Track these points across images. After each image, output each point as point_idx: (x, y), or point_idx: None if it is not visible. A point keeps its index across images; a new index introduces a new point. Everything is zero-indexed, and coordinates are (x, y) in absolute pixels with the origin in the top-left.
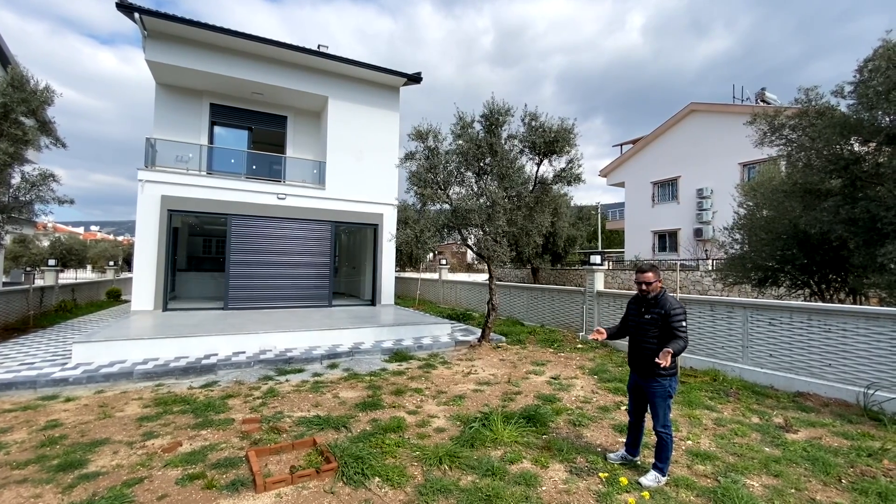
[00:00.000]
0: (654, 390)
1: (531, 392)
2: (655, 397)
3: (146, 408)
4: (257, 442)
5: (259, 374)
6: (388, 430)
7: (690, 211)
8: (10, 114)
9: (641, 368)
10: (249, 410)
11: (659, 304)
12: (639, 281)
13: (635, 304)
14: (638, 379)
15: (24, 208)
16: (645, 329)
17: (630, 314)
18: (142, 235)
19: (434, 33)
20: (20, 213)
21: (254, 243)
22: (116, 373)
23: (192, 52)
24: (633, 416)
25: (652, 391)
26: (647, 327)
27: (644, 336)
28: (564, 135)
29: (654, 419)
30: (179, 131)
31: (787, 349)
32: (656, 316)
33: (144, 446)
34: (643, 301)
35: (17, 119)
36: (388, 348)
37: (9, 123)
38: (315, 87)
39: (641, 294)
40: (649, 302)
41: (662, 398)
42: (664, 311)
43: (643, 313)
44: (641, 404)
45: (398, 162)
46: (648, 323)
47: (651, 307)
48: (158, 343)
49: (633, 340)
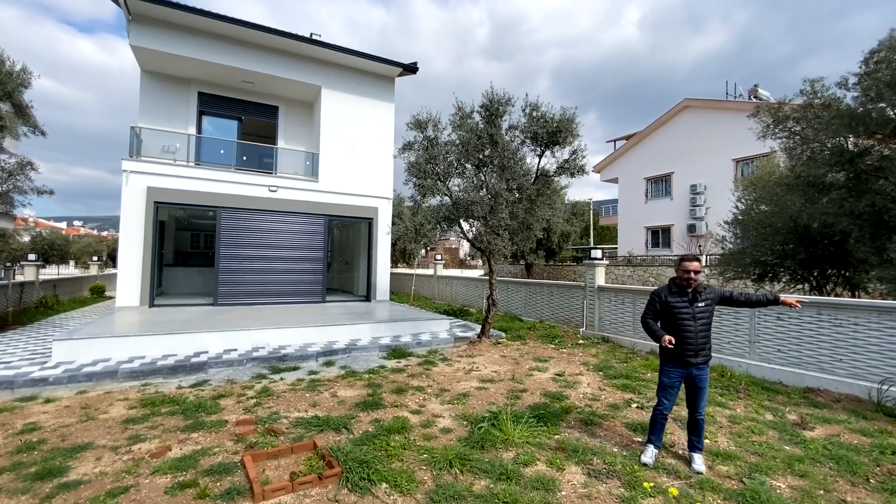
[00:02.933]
0: (706, 375)
1: (537, 389)
2: (706, 382)
3: (132, 409)
4: (253, 445)
5: (252, 372)
6: (391, 431)
7: (684, 207)
8: None
9: (701, 357)
10: (243, 411)
11: (708, 289)
12: (687, 269)
13: (678, 295)
14: (691, 371)
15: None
16: (702, 317)
17: (674, 307)
18: (127, 228)
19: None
20: None
21: (244, 237)
22: (100, 372)
23: (179, 37)
24: (668, 409)
25: (705, 376)
26: (703, 315)
27: (703, 324)
28: (567, 125)
29: (699, 404)
30: (166, 121)
31: (795, 344)
32: (710, 301)
33: (130, 451)
34: (689, 291)
35: None
36: (386, 345)
37: None
38: (307, 76)
39: (686, 284)
40: (697, 291)
41: (708, 381)
42: (716, 294)
43: (696, 302)
44: (691, 395)
45: (395, 153)
46: (704, 311)
47: (701, 294)
48: (145, 340)
49: (688, 332)
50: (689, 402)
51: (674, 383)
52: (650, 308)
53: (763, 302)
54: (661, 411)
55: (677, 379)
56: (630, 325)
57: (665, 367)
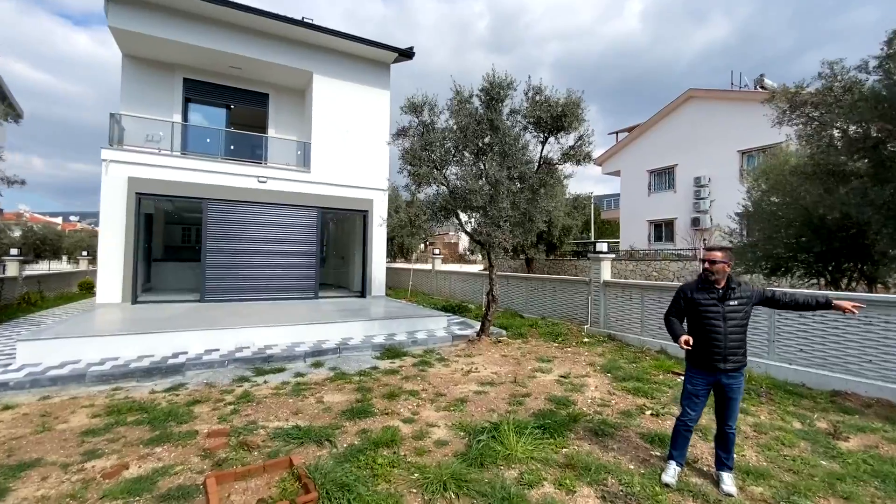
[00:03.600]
0: (739, 384)
1: (541, 393)
2: (738, 392)
3: (95, 418)
4: (221, 463)
5: (234, 374)
6: (380, 444)
7: (687, 200)
8: None
9: (731, 363)
10: (218, 420)
11: (742, 287)
12: (705, 259)
13: (706, 291)
14: (719, 378)
15: None
16: (734, 318)
17: (700, 304)
18: (107, 221)
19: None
20: None
21: (233, 230)
22: (66, 375)
23: (162, 18)
24: (694, 420)
25: (737, 386)
26: (735, 315)
27: (734, 325)
28: (573, 108)
29: (730, 417)
30: (150, 108)
31: (819, 344)
32: (745, 300)
33: (82, 469)
34: (719, 288)
35: None
36: (380, 344)
37: None
38: (298, 61)
39: (708, 277)
40: (728, 288)
41: (741, 392)
42: (753, 293)
43: (727, 300)
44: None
45: (389, 139)
46: (737, 310)
47: (734, 291)
48: (119, 340)
49: (716, 333)
50: (718, 413)
51: (699, 391)
52: (674, 304)
53: (811, 305)
54: (685, 422)
55: (703, 387)
56: (638, 322)
57: (690, 372)
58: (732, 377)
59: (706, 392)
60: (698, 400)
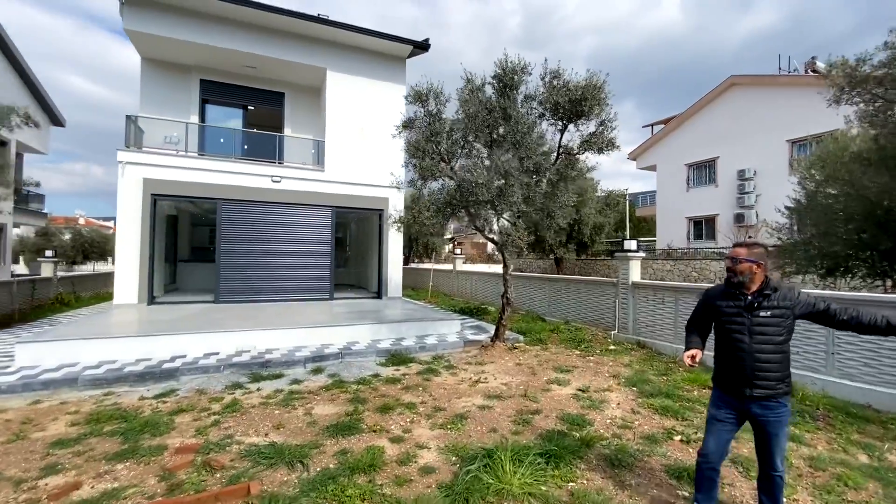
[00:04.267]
0: (779, 418)
1: (553, 410)
2: (779, 427)
3: (73, 426)
4: (176, 487)
5: (228, 380)
6: (357, 468)
7: (730, 194)
8: None
9: (760, 390)
10: (195, 432)
11: (779, 295)
12: (729, 255)
13: (730, 297)
14: (748, 407)
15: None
16: (763, 332)
17: (723, 313)
18: (123, 223)
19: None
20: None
21: (247, 231)
22: (60, 379)
23: (177, 19)
24: (713, 454)
25: (776, 419)
26: (765, 329)
27: (764, 341)
28: (593, 92)
29: (773, 457)
30: (168, 110)
31: (889, 357)
32: (782, 311)
33: (34, 487)
34: (747, 294)
35: None
36: (385, 349)
37: None
38: (311, 57)
39: (732, 280)
40: (761, 295)
41: (784, 428)
42: (797, 304)
43: (757, 309)
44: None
45: (395, 131)
46: (768, 323)
47: (767, 299)
48: (118, 343)
49: (739, 349)
50: (758, 451)
51: (721, 416)
52: (695, 311)
53: (881, 328)
54: (705, 456)
55: (727, 413)
56: (671, 327)
57: (714, 392)
58: (767, 407)
59: (732, 421)
60: (722, 427)
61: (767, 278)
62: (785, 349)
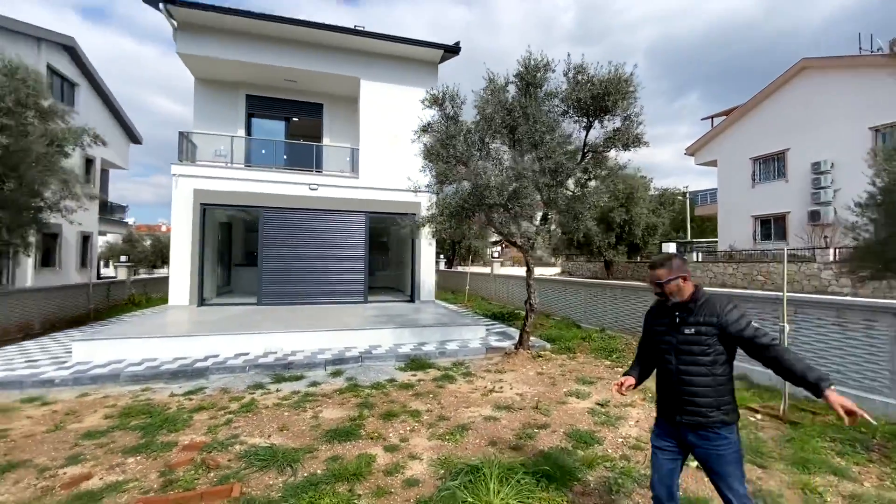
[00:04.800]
0: (719, 451)
1: (562, 425)
2: (725, 463)
3: (106, 419)
4: (168, 484)
5: (251, 380)
6: (342, 476)
7: (803, 190)
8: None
9: (687, 417)
10: (206, 430)
11: (704, 309)
12: (651, 280)
13: (659, 315)
14: (683, 435)
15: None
16: (688, 350)
17: (655, 333)
18: (177, 231)
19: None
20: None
21: (286, 237)
22: (106, 374)
23: (225, 41)
24: (659, 490)
25: (715, 453)
26: (689, 347)
27: (689, 362)
28: (618, 85)
29: (722, 492)
30: (218, 125)
31: None
32: (707, 328)
33: (54, 476)
34: (671, 310)
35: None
36: (405, 354)
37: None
38: (345, 68)
39: (662, 299)
40: (685, 309)
41: (736, 462)
42: (717, 319)
43: (679, 327)
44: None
45: (413, 136)
46: (692, 341)
47: (690, 316)
48: (160, 342)
49: (668, 372)
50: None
51: (661, 444)
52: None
53: (796, 378)
54: (651, 488)
55: (667, 442)
56: None
57: (656, 419)
58: (702, 437)
59: (673, 450)
60: (660, 457)
61: (697, 289)
62: (718, 372)
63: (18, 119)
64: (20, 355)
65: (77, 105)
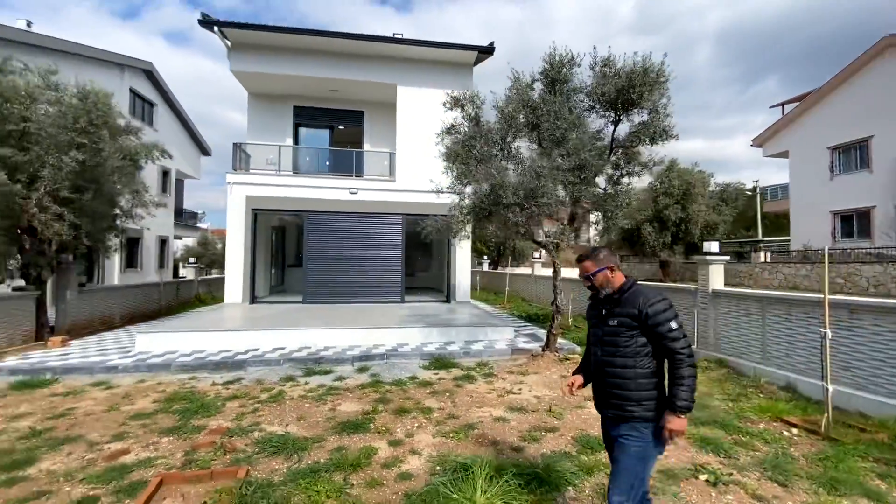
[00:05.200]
0: (625, 443)
1: (572, 430)
2: (624, 454)
3: (154, 403)
4: (188, 463)
5: (284, 373)
6: (341, 466)
7: (891, 182)
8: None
9: (611, 411)
10: (234, 417)
11: (629, 301)
12: (580, 274)
13: (593, 308)
14: (608, 426)
15: (127, 215)
16: (611, 342)
17: (591, 326)
18: (232, 234)
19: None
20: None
21: (327, 239)
22: (160, 364)
23: (272, 56)
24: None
25: (621, 444)
26: (613, 339)
27: (611, 354)
28: (643, 77)
29: (610, 487)
30: (269, 135)
31: None
32: (628, 321)
33: (100, 450)
34: (602, 303)
35: (84, 129)
36: (431, 353)
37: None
38: (383, 75)
39: (602, 296)
40: (612, 301)
41: (637, 458)
42: (638, 311)
43: (606, 319)
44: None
45: (437, 138)
46: (614, 333)
47: (615, 308)
48: (208, 336)
49: (595, 364)
50: None
51: (605, 440)
52: None
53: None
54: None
55: (607, 437)
56: (758, 345)
57: None
58: (618, 429)
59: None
60: (611, 455)
61: (626, 281)
62: (640, 365)
63: (91, 138)
64: (97, 345)
65: (155, 122)
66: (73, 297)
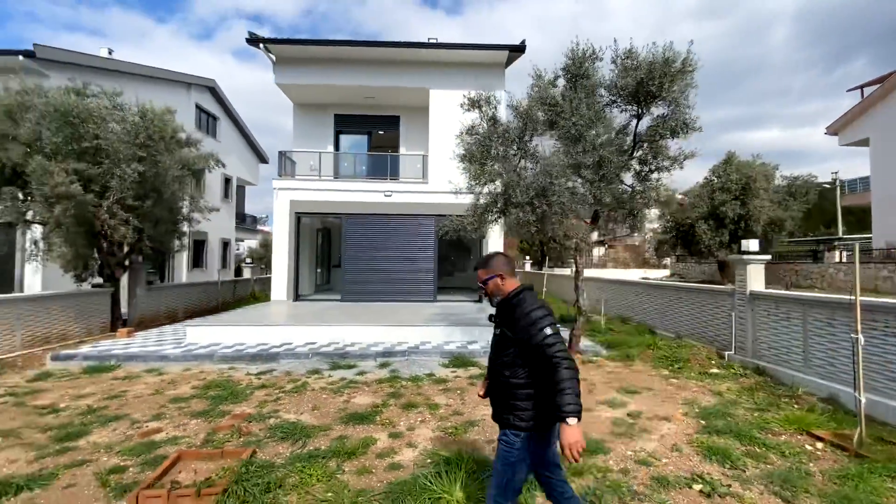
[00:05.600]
0: (498, 447)
1: None
2: (496, 458)
3: (193, 389)
4: (205, 442)
5: (312, 366)
6: (338, 453)
7: None
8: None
9: (495, 411)
10: (257, 404)
11: (510, 309)
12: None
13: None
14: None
15: (185, 219)
16: (495, 349)
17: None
18: (277, 236)
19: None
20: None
21: (364, 240)
22: (204, 354)
23: (313, 68)
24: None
25: (497, 447)
26: (496, 347)
27: (493, 361)
28: (663, 68)
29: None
30: (313, 143)
31: None
32: (506, 329)
33: (139, 427)
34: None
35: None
36: (450, 351)
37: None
38: (416, 80)
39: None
40: (500, 308)
41: (504, 463)
42: (515, 319)
43: (495, 327)
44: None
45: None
46: (496, 341)
47: (500, 316)
48: (248, 330)
49: (488, 368)
50: None
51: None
52: None
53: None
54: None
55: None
56: (799, 351)
57: None
58: (499, 435)
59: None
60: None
61: (517, 288)
62: (515, 375)
63: (150, 150)
64: (156, 336)
65: (218, 135)
66: (142, 294)
